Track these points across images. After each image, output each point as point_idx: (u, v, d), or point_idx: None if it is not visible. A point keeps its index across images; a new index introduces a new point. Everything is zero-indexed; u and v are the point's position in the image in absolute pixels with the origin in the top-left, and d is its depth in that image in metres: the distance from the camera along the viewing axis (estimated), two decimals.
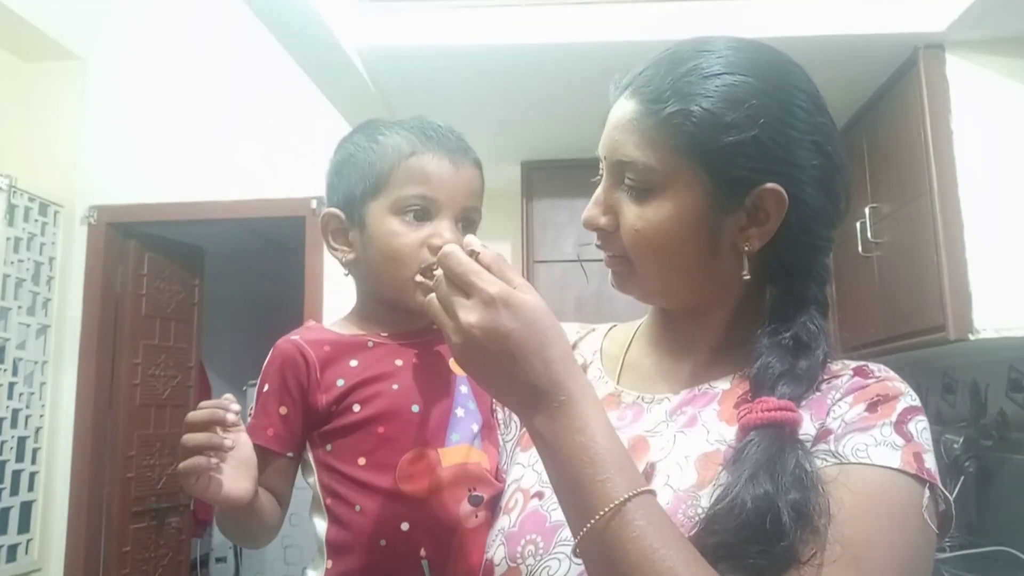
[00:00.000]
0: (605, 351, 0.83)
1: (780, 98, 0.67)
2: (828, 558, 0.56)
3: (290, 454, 0.83)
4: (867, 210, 2.32)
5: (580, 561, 0.63)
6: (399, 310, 0.86)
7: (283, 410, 0.82)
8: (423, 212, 0.83)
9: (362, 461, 0.80)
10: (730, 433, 0.66)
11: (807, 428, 0.64)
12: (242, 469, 0.76)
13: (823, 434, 0.63)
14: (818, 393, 0.66)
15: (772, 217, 0.67)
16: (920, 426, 0.64)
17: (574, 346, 0.85)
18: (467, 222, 0.86)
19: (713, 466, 0.65)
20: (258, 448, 0.80)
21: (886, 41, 2.08)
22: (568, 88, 2.35)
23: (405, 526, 0.78)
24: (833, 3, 2.06)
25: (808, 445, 0.62)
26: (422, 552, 0.78)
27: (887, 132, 2.28)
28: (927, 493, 0.61)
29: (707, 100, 0.65)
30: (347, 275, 0.91)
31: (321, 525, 0.82)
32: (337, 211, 0.88)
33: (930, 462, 0.62)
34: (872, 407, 0.64)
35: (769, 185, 0.66)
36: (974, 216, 1.97)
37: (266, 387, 0.83)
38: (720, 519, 0.58)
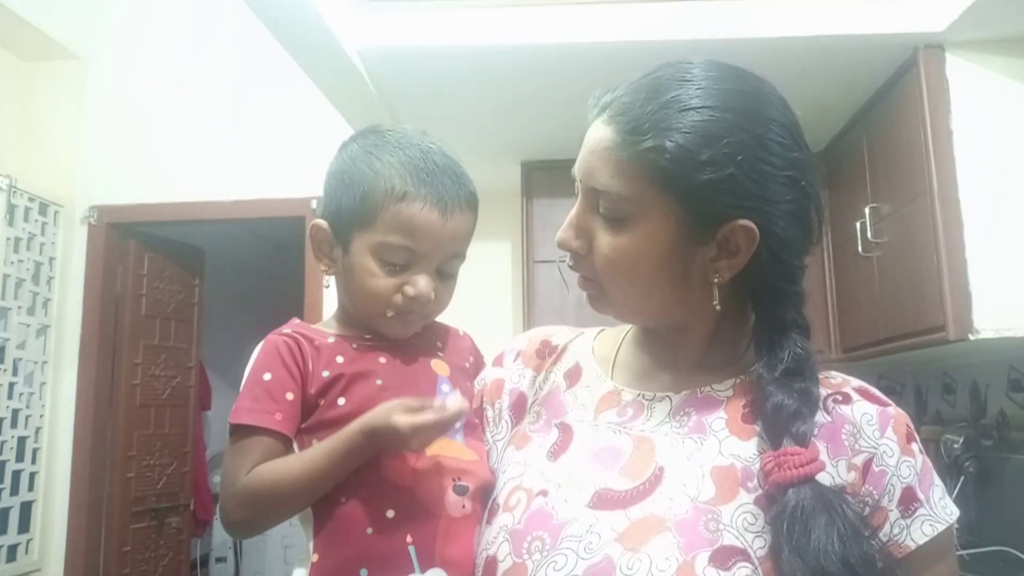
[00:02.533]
0: (597, 352, 0.84)
1: (757, 134, 0.67)
2: None
3: (292, 441, 0.84)
4: (867, 210, 2.32)
5: (587, 556, 0.64)
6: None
7: (290, 396, 0.82)
8: (403, 263, 0.85)
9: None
10: (742, 449, 0.68)
11: (828, 469, 0.66)
12: None
13: (878, 487, 0.68)
14: (827, 419, 0.68)
15: (743, 251, 0.68)
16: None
17: (565, 348, 0.86)
18: (447, 268, 0.88)
19: (731, 482, 0.66)
20: (266, 434, 0.80)
21: (886, 41, 2.08)
22: (568, 88, 2.35)
23: (391, 513, 0.80)
24: (833, 3, 2.06)
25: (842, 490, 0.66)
26: (408, 539, 0.79)
27: (887, 132, 2.28)
28: None
29: (683, 136, 0.66)
30: (327, 287, 0.92)
31: (307, 519, 0.83)
32: (326, 226, 0.90)
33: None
34: (922, 448, 0.71)
35: (741, 221, 0.67)
36: (974, 216, 1.97)
37: (268, 375, 0.83)
38: None
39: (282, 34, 2.07)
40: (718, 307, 0.70)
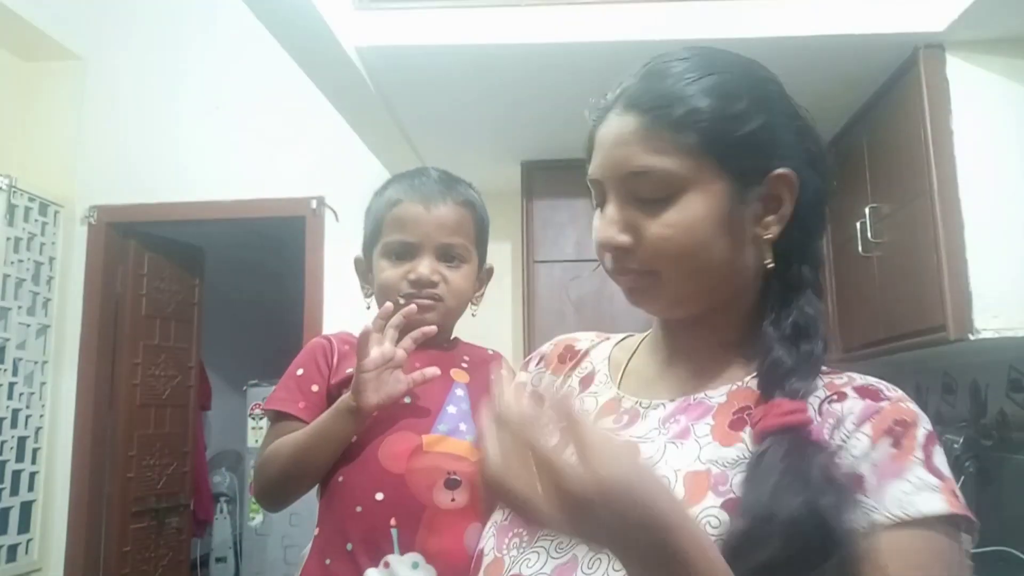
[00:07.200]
0: (613, 358, 0.85)
1: (763, 87, 0.71)
2: None
3: None
4: (867, 210, 2.32)
5: (557, 555, 0.67)
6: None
7: (315, 388, 0.99)
8: (404, 253, 1.02)
9: (353, 438, 0.92)
10: (722, 454, 0.66)
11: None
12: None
13: (854, 480, 0.62)
14: (817, 419, 0.65)
15: (786, 201, 0.69)
16: (942, 458, 0.64)
17: (586, 353, 0.86)
18: (447, 254, 1.03)
19: (702, 486, 0.64)
20: (288, 418, 0.96)
21: (886, 41, 2.08)
22: (568, 88, 2.35)
23: (379, 496, 0.89)
24: (833, 3, 2.06)
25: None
26: (392, 522, 0.88)
27: (887, 132, 2.28)
28: (967, 535, 0.62)
29: (709, 98, 0.68)
30: (368, 308, 1.09)
31: (318, 495, 0.96)
32: (361, 256, 1.09)
33: (961, 496, 0.63)
34: (896, 443, 0.63)
35: (781, 170, 0.68)
36: (974, 216, 1.97)
37: (300, 371, 1.00)
38: (761, 534, 0.56)
39: (281, 34, 2.07)
40: (770, 265, 0.70)
